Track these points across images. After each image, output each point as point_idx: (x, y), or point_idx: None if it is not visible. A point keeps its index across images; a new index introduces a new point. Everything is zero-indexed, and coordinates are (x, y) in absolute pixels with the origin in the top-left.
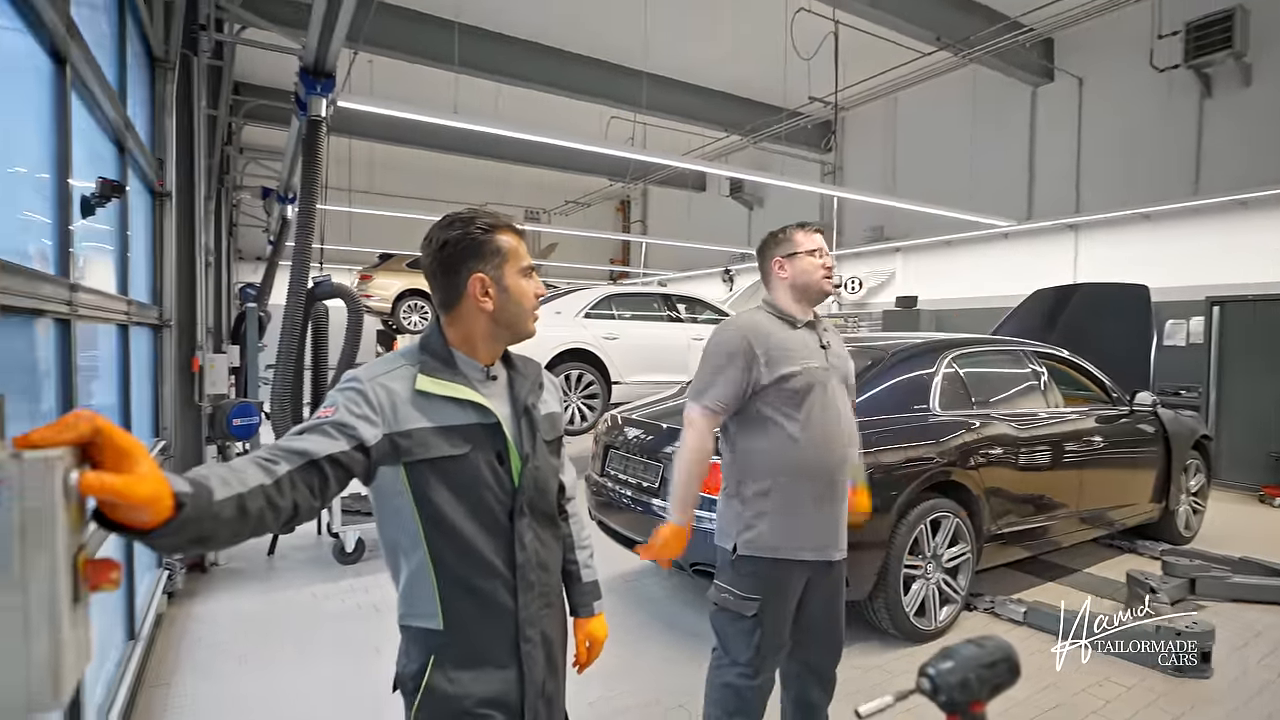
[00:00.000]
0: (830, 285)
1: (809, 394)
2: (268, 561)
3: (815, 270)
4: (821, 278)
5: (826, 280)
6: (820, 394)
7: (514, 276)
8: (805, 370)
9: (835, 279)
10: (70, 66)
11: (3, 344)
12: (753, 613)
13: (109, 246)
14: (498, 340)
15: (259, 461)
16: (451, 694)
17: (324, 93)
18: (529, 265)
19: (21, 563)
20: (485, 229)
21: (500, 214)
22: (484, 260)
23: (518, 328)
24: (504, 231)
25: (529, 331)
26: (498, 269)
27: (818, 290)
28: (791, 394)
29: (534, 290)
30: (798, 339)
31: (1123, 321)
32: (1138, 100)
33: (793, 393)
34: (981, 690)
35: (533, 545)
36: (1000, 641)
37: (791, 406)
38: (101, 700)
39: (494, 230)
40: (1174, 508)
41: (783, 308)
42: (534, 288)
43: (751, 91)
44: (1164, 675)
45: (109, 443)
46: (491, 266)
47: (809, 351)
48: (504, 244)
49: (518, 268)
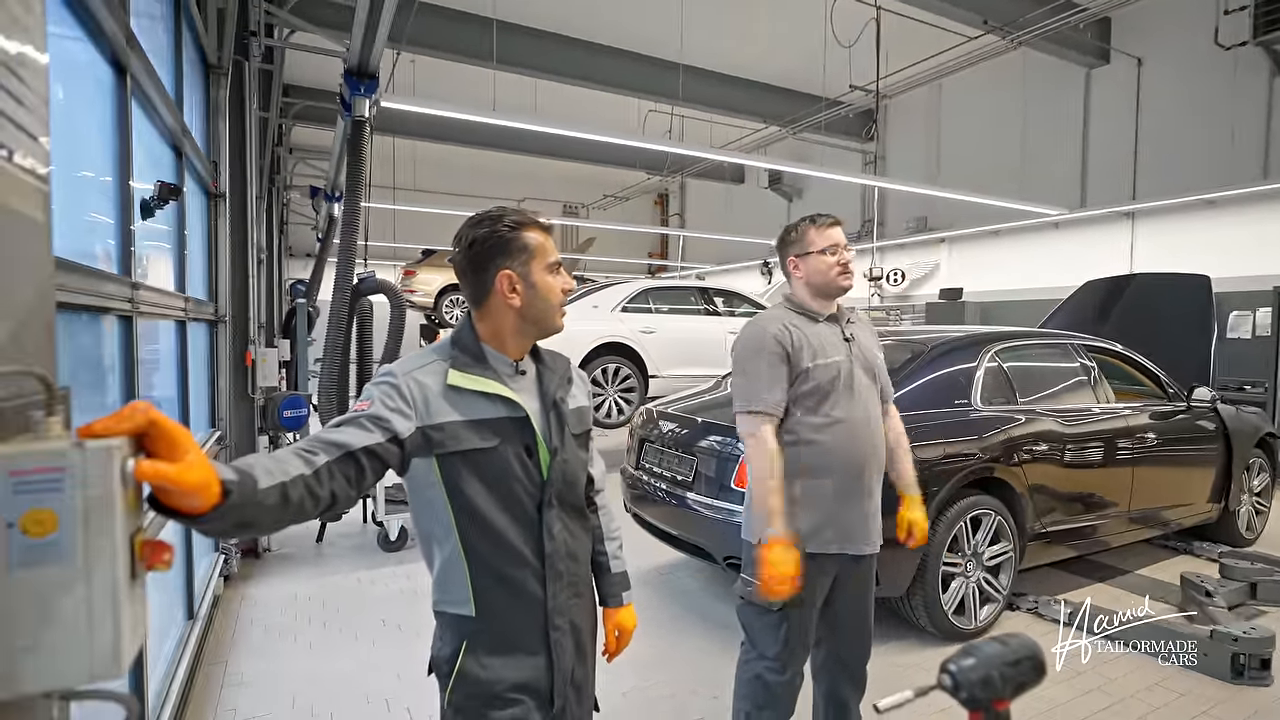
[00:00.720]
0: (846, 282)
1: (833, 388)
2: (316, 548)
3: (829, 269)
4: (836, 275)
5: (842, 277)
6: (845, 388)
7: (540, 273)
8: (828, 364)
9: (851, 275)
10: (130, 76)
11: (71, 340)
12: (779, 606)
13: (168, 246)
14: (526, 335)
15: (299, 453)
16: (483, 678)
17: (368, 93)
18: (556, 261)
19: (85, 544)
20: (512, 226)
21: (529, 211)
22: (511, 257)
23: (545, 323)
24: (531, 228)
25: (556, 327)
26: (525, 265)
27: (834, 288)
28: (815, 389)
29: (562, 286)
30: (820, 333)
31: (1181, 314)
32: (1201, 80)
33: (815, 387)
34: (1005, 688)
35: (561, 536)
36: (1025, 639)
37: (815, 401)
38: (163, 675)
39: (521, 227)
40: (1234, 508)
41: (802, 303)
42: (561, 283)
43: (790, 81)
44: (1220, 683)
45: (161, 433)
46: (519, 263)
47: (831, 346)
48: (530, 241)
49: (544, 264)
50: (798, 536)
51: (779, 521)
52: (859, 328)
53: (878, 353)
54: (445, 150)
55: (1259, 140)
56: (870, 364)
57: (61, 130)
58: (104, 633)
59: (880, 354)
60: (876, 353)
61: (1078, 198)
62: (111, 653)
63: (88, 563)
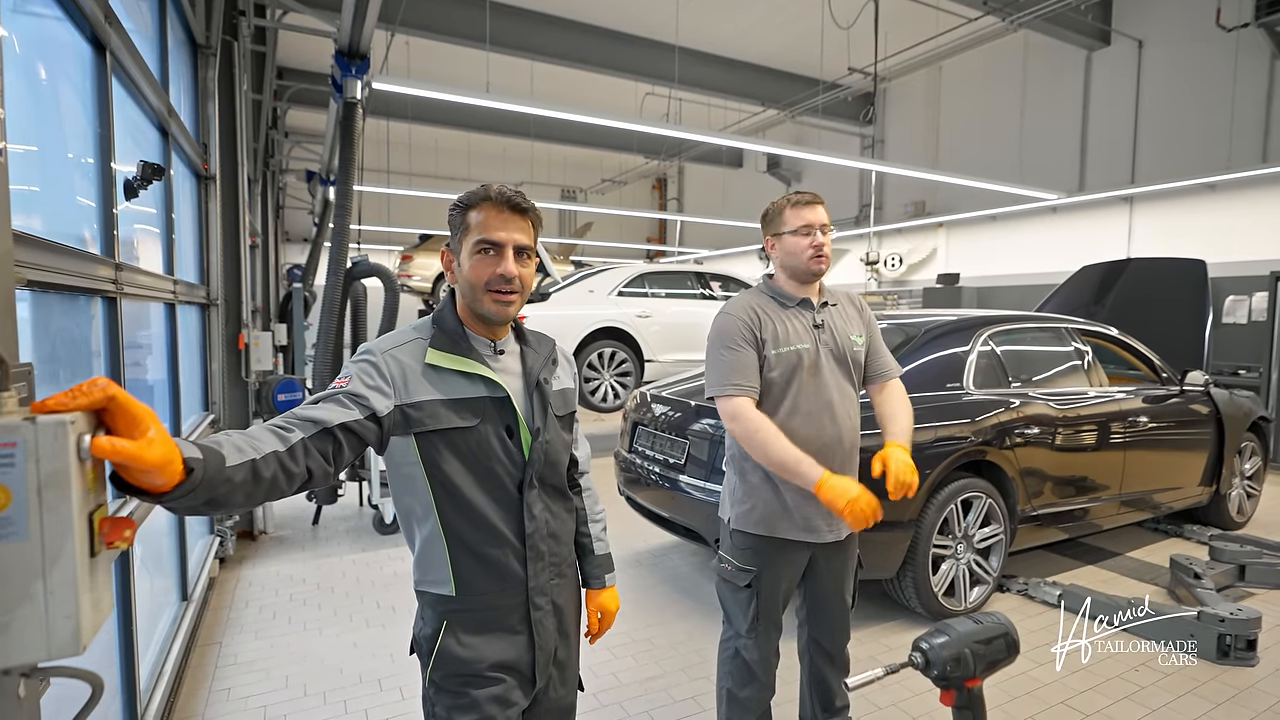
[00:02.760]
0: (817, 266)
1: (793, 377)
2: (312, 531)
3: (801, 251)
4: (809, 259)
5: (815, 260)
6: (808, 377)
7: (466, 252)
8: (788, 353)
9: (826, 257)
10: (110, 53)
11: (54, 322)
12: (746, 583)
13: (157, 230)
14: (474, 317)
15: (274, 429)
16: (463, 657)
17: (359, 75)
18: (484, 240)
19: (40, 520)
20: (461, 204)
21: (502, 188)
22: (453, 234)
23: (475, 307)
24: (478, 206)
25: (486, 312)
26: (458, 244)
27: (805, 271)
28: (776, 377)
29: (493, 270)
30: (787, 319)
31: (1177, 298)
32: (1202, 63)
33: (777, 376)
34: (977, 666)
35: (542, 516)
36: (1000, 618)
37: (777, 389)
38: (156, 656)
39: (468, 206)
40: (1225, 491)
41: (778, 285)
42: (491, 267)
43: (788, 64)
44: (1206, 663)
45: (121, 409)
46: (456, 241)
47: (796, 333)
48: (471, 218)
49: (471, 243)
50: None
51: (808, 463)
52: (836, 312)
53: (857, 338)
54: (441, 134)
55: (1259, 124)
56: (842, 351)
57: (42, 112)
58: (62, 610)
59: (864, 335)
60: (856, 339)
61: (1076, 182)
62: (71, 630)
63: (44, 539)
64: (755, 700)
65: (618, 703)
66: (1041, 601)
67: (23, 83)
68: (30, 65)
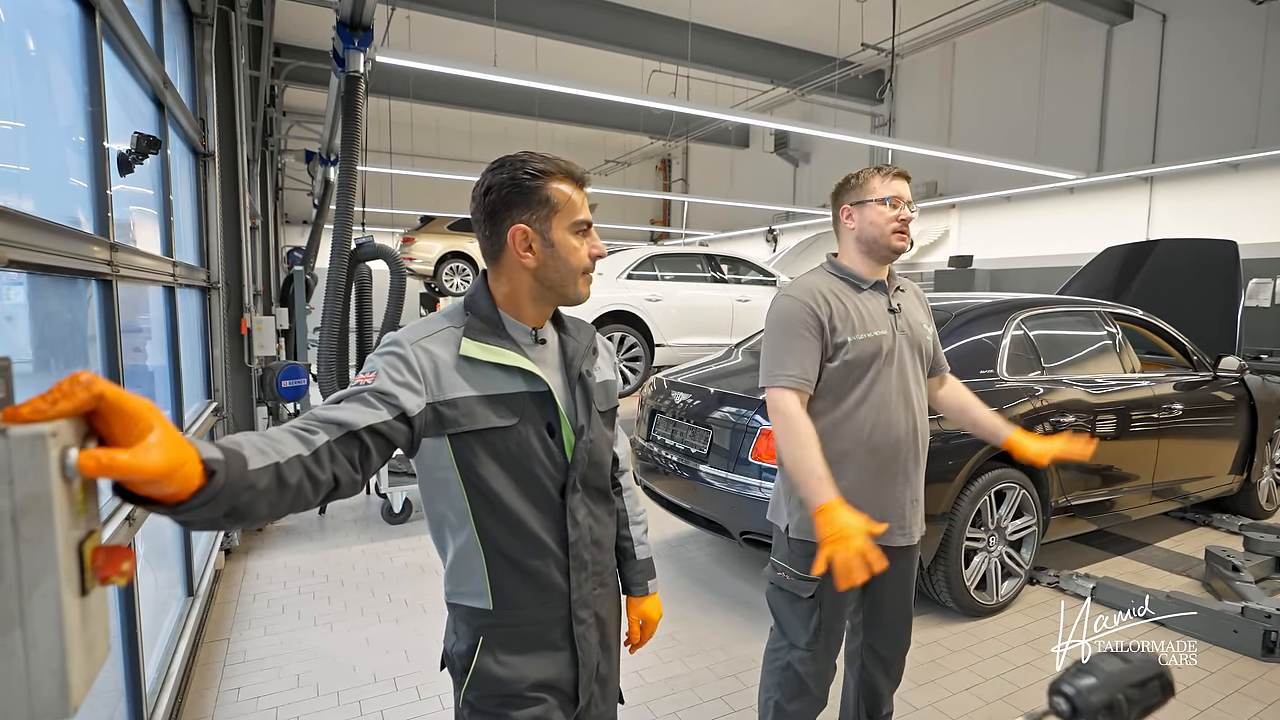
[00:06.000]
0: (900, 243)
1: (870, 366)
2: (319, 521)
3: (885, 223)
4: (892, 232)
5: (897, 236)
6: (885, 366)
7: (562, 231)
8: (870, 339)
9: (908, 236)
10: (100, 15)
11: (45, 306)
12: (810, 594)
13: (153, 212)
14: (544, 302)
15: (295, 431)
16: (502, 677)
17: (362, 47)
18: (583, 220)
19: (16, 556)
20: (534, 174)
21: (561, 159)
22: (529, 210)
23: (563, 291)
24: (558, 178)
25: (578, 295)
26: (544, 221)
27: (885, 246)
28: (853, 363)
29: (589, 251)
30: (861, 303)
31: (1207, 281)
32: (1230, 37)
33: (854, 361)
34: (1130, 713)
35: (586, 522)
36: (1148, 654)
37: (849, 380)
38: (162, 655)
39: (545, 176)
40: (1256, 480)
41: (847, 266)
42: (589, 247)
43: (801, 40)
44: (1251, 660)
45: (113, 409)
46: (537, 218)
47: (873, 319)
48: (554, 193)
49: (568, 222)
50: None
51: (827, 485)
52: (907, 298)
53: (927, 326)
54: (443, 113)
55: None
56: (917, 339)
57: (28, 81)
58: (47, 664)
59: (931, 326)
60: (926, 326)
61: (1095, 162)
62: (57, 688)
63: (21, 579)
64: (804, 714)
65: (644, 703)
66: (1073, 594)
67: (3, 46)
68: (12, 28)
